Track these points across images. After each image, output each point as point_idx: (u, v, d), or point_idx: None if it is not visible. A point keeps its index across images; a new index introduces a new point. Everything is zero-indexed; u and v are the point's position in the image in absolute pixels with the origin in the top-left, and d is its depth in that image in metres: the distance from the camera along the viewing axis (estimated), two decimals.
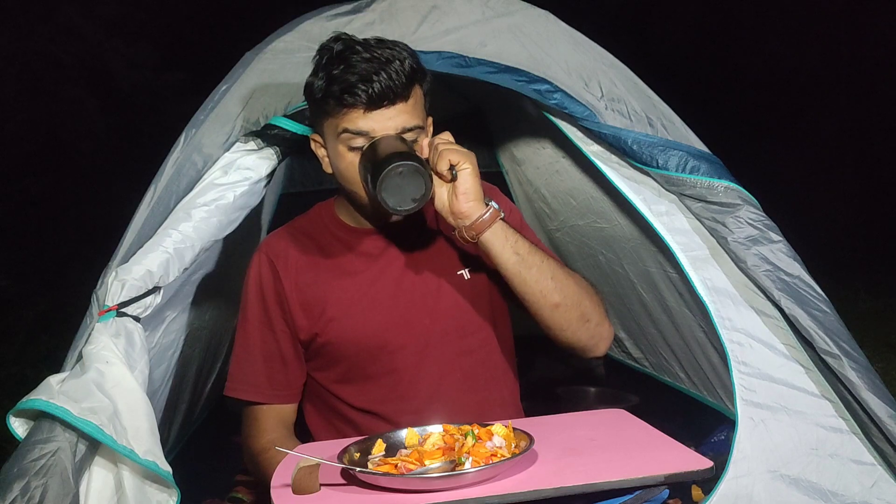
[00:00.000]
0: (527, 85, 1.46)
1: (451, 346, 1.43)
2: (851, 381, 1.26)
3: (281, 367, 1.43)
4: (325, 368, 1.45)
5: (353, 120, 1.26)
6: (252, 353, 1.43)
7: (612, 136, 1.42)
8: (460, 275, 1.44)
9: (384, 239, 1.43)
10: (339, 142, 1.29)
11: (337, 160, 1.32)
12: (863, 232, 5.91)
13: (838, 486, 1.29)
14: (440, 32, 1.50)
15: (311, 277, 1.42)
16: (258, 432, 1.42)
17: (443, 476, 1.01)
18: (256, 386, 1.42)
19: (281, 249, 1.44)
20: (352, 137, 1.27)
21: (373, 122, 1.26)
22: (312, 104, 1.33)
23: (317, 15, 1.57)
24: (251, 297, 1.44)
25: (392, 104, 1.26)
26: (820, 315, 1.30)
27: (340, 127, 1.27)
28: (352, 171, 1.30)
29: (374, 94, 1.24)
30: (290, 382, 1.44)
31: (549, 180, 2.41)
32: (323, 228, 1.46)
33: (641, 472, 1.01)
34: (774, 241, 1.36)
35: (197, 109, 1.48)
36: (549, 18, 1.57)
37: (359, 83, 1.23)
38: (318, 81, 1.27)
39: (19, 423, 1.15)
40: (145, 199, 1.37)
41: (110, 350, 1.18)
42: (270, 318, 1.42)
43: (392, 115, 1.27)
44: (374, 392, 1.42)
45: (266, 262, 1.43)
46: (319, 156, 1.38)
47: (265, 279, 1.43)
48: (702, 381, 1.93)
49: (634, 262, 2.00)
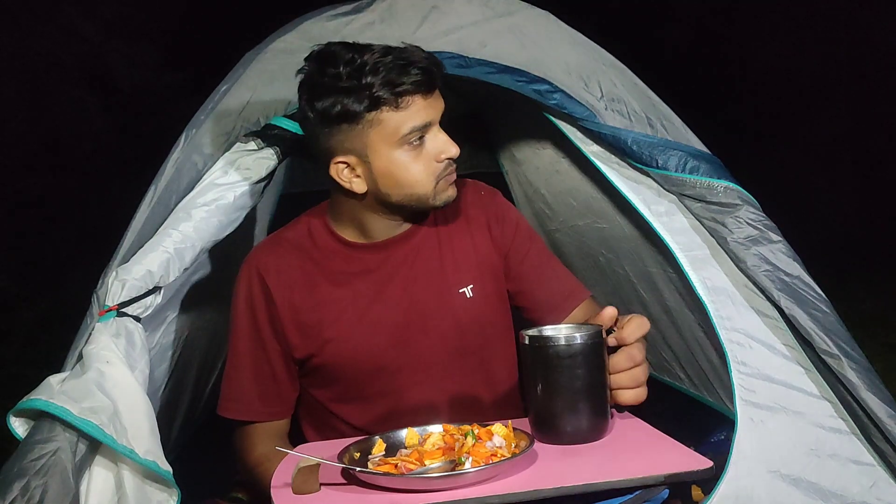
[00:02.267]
0: (527, 85, 1.46)
1: (452, 366, 1.39)
2: (851, 382, 1.26)
3: (272, 385, 1.39)
4: (321, 387, 1.41)
5: (414, 112, 1.22)
6: (242, 371, 1.39)
7: (611, 136, 1.42)
8: (462, 293, 1.39)
9: (384, 254, 1.38)
10: (396, 145, 1.24)
11: (395, 168, 1.25)
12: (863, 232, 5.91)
13: (838, 487, 1.29)
14: (440, 33, 1.50)
15: (306, 295, 1.36)
16: (251, 446, 1.39)
17: (443, 476, 1.01)
18: (248, 405, 1.38)
19: (271, 264, 1.37)
20: (416, 133, 1.23)
21: (431, 109, 1.24)
22: (345, 122, 1.23)
23: (317, 15, 1.57)
24: (240, 314, 1.39)
25: (437, 84, 1.25)
26: (819, 315, 1.30)
27: (405, 126, 1.22)
28: (416, 172, 1.26)
29: (428, 76, 1.21)
30: (282, 400, 1.41)
31: (548, 180, 2.41)
32: (317, 242, 1.40)
33: (641, 472, 1.01)
34: (774, 241, 1.36)
35: (197, 109, 1.48)
36: (549, 18, 1.58)
37: (411, 69, 1.19)
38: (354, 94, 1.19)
39: (19, 422, 1.15)
40: (145, 199, 1.37)
41: (111, 350, 1.18)
42: (261, 337, 1.37)
43: (439, 97, 1.25)
44: (373, 412, 1.38)
45: (256, 277, 1.37)
46: (345, 179, 1.29)
47: (255, 296, 1.37)
48: (702, 381, 1.93)
49: (634, 263, 2.00)
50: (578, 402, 1.12)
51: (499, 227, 1.46)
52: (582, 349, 1.11)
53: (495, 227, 1.45)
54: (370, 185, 1.29)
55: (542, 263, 1.48)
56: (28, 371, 3.65)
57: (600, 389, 1.13)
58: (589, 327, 1.17)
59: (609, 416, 1.15)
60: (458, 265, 1.41)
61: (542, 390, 1.13)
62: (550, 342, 1.12)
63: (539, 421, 1.15)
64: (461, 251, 1.42)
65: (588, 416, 1.12)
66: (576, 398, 1.11)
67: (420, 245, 1.40)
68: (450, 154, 1.28)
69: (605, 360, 1.15)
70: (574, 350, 1.11)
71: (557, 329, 1.19)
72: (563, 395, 1.12)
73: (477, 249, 1.43)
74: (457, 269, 1.41)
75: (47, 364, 1.34)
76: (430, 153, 1.27)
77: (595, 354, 1.12)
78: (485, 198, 1.49)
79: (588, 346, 1.11)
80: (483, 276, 1.42)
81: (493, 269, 1.44)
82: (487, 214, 1.46)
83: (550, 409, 1.13)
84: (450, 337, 1.38)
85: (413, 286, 1.38)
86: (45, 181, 5.55)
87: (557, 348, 1.11)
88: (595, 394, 1.13)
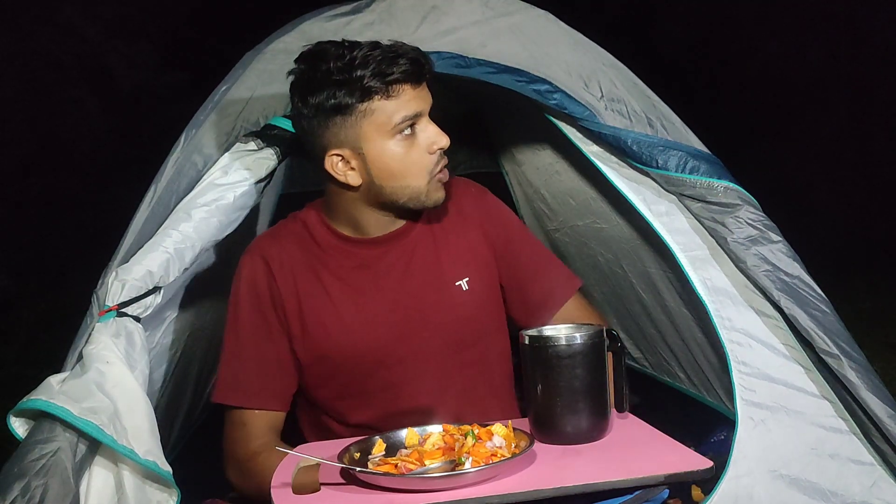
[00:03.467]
0: (527, 85, 1.46)
1: (450, 359, 1.40)
2: (851, 382, 1.26)
3: (276, 370, 1.39)
4: (320, 385, 1.41)
5: (405, 102, 1.25)
6: (244, 357, 1.38)
7: (611, 136, 1.42)
8: (458, 286, 1.41)
9: (381, 250, 1.40)
10: (389, 136, 1.27)
11: (388, 158, 1.28)
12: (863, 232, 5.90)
13: (838, 486, 1.29)
14: (440, 33, 1.50)
15: (309, 286, 1.38)
16: (247, 437, 1.36)
17: (443, 476, 1.01)
18: (248, 391, 1.37)
19: (275, 253, 1.39)
20: (407, 123, 1.26)
21: (420, 99, 1.27)
22: (338, 115, 1.25)
23: (316, 15, 1.57)
24: (243, 299, 1.39)
25: (426, 76, 1.27)
26: (819, 315, 1.30)
27: (397, 116, 1.25)
28: (410, 163, 1.28)
29: (417, 67, 1.24)
30: (283, 389, 1.40)
31: (548, 181, 2.41)
32: (315, 236, 1.41)
33: (641, 472, 1.01)
34: (774, 241, 1.36)
35: (197, 109, 1.48)
36: (549, 18, 1.57)
37: (397, 58, 1.22)
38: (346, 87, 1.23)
39: (19, 423, 1.15)
40: (145, 199, 1.37)
41: (111, 350, 1.18)
42: (266, 320, 1.38)
43: (426, 90, 1.28)
44: (372, 408, 1.39)
45: (260, 262, 1.38)
46: (340, 172, 1.31)
47: (259, 280, 1.38)
48: (701, 381, 1.93)
49: (634, 263, 2.00)
50: (578, 402, 1.12)
51: (490, 224, 1.48)
52: (582, 349, 1.11)
53: (487, 224, 1.48)
54: (365, 178, 1.31)
55: (535, 256, 1.51)
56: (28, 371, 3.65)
57: (600, 389, 1.14)
58: (589, 327, 1.17)
59: (609, 416, 1.15)
60: (454, 259, 1.43)
61: (542, 390, 1.13)
62: (550, 342, 1.13)
63: (539, 421, 1.15)
64: (456, 246, 1.44)
65: (588, 416, 1.13)
66: (576, 398, 1.12)
67: (416, 240, 1.42)
68: (440, 144, 1.30)
69: (605, 360, 1.15)
70: (574, 350, 1.11)
71: (557, 329, 1.20)
72: (563, 395, 1.12)
73: (471, 244, 1.46)
74: (453, 263, 1.43)
75: (47, 364, 1.34)
76: (422, 144, 1.30)
77: (595, 354, 1.13)
78: (476, 195, 1.52)
79: (588, 347, 1.12)
80: (478, 270, 1.44)
81: (486, 264, 1.46)
82: (480, 211, 1.49)
83: (550, 409, 1.13)
84: (447, 330, 1.40)
85: (410, 280, 1.40)
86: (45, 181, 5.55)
87: (557, 348, 1.11)
88: (595, 394, 1.13)
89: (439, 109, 1.38)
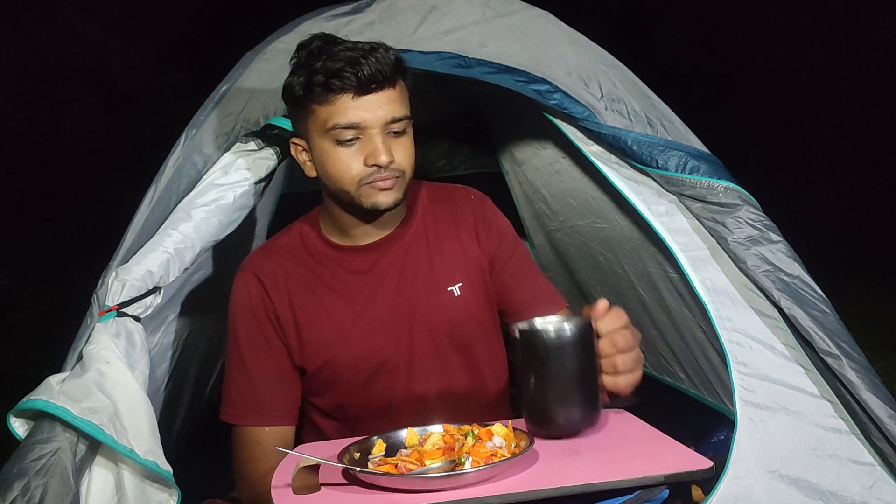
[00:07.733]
0: (526, 85, 1.46)
1: (444, 364, 1.41)
2: (851, 382, 1.26)
3: (281, 385, 1.38)
4: (320, 392, 1.41)
5: (342, 110, 1.23)
6: (248, 375, 1.37)
7: (611, 136, 1.42)
8: (450, 291, 1.41)
9: (374, 256, 1.40)
10: (326, 138, 1.26)
11: (325, 159, 1.28)
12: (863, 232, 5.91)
13: (838, 487, 1.29)
14: (440, 33, 1.50)
15: (304, 299, 1.37)
16: (261, 455, 1.33)
17: (443, 476, 1.01)
18: (257, 409, 1.36)
19: (268, 269, 1.38)
20: (341, 132, 1.24)
21: (362, 110, 1.23)
22: (293, 105, 1.30)
23: (317, 15, 1.57)
24: (239, 318, 1.38)
25: (381, 89, 1.23)
26: (819, 315, 1.30)
27: (330, 122, 1.24)
28: (340, 168, 1.26)
29: (362, 76, 1.21)
30: (289, 402, 1.39)
31: (548, 181, 2.41)
32: (309, 247, 1.41)
33: (641, 472, 1.00)
34: (774, 241, 1.36)
35: (197, 109, 1.48)
36: (548, 19, 1.58)
37: (346, 67, 1.21)
38: (300, 78, 1.24)
39: (20, 423, 1.15)
40: (145, 199, 1.37)
41: (111, 350, 1.18)
42: (265, 336, 1.37)
43: (381, 102, 1.24)
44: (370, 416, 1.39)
45: (254, 280, 1.38)
46: (301, 161, 1.34)
47: (254, 297, 1.37)
48: (701, 381, 1.93)
49: (634, 263, 2.00)
50: (569, 393, 1.13)
51: (485, 230, 1.48)
52: (571, 339, 1.12)
53: (482, 231, 1.47)
54: (317, 172, 1.33)
55: (524, 270, 1.50)
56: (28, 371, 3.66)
57: (591, 379, 1.14)
58: (578, 318, 1.18)
59: (600, 408, 1.16)
60: (447, 264, 1.43)
61: (534, 382, 1.14)
62: (540, 332, 1.13)
63: (532, 414, 1.15)
64: (449, 251, 1.44)
65: (579, 406, 1.13)
66: (566, 388, 1.12)
67: (409, 246, 1.42)
68: (377, 161, 1.25)
69: (595, 350, 1.16)
70: (563, 340, 1.12)
71: (547, 320, 1.20)
72: (555, 386, 1.12)
73: (464, 250, 1.45)
74: (445, 268, 1.42)
75: (47, 364, 1.34)
76: (359, 155, 1.27)
77: (584, 344, 1.13)
78: (474, 202, 1.51)
79: (577, 336, 1.12)
80: (471, 276, 1.43)
81: (480, 270, 1.46)
82: (476, 217, 1.48)
83: (543, 400, 1.13)
84: (440, 334, 1.40)
85: (404, 285, 1.40)
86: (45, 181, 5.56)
87: (547, 338, 1.12)
88: (586, 384, 1.14)
89: (439, 109, 1.38)
